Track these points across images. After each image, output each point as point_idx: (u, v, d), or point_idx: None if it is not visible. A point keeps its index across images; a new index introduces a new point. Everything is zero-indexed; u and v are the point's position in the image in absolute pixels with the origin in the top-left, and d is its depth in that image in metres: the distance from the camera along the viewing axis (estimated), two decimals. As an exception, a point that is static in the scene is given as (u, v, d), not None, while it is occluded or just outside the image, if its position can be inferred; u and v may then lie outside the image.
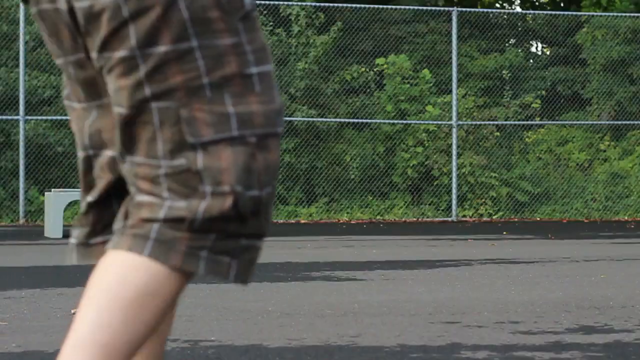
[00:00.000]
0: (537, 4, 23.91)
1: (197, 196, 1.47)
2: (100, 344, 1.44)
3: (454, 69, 15.01)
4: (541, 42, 19.61)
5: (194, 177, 1.47)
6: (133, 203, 1.52)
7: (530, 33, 18.70)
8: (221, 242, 1.48)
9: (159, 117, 1.48)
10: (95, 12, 1.50)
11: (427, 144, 15.36)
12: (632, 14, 16.81)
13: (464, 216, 15.18)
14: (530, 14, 19.33)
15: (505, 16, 18.50)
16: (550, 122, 16.45)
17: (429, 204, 15.36)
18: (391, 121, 15.30)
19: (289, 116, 15.02)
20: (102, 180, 1.63)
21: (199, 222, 1.47)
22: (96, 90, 1.61)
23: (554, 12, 18.27)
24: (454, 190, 14.93)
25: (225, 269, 1.49)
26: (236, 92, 1.49)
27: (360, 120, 15.25)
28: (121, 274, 1.46)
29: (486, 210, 15.32)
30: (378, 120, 15.42)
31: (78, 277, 5.94)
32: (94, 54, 1.54)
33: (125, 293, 1.46)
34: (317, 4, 15.40)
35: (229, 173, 1.47)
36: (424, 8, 16.52)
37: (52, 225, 10.12)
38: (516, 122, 15.95)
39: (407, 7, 16.65)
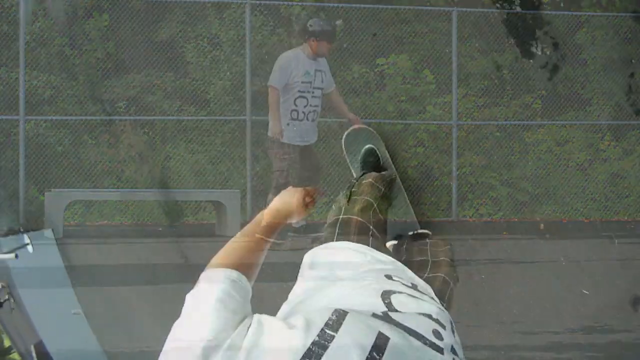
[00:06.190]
0: (537, 4, 23.89)
1: None
2: None
3: (454, 69, 15.00)
4: (541, 42, 19.60)
5: None
6: None
7: (530, 33, 18.69)
8: None
9: None
10: None
11: (427, 144, 15.35)
12: (632, 14, 16.80)
13: (464, 216, 15.18)
14: (530, 13, 19.32)
15: (505, 16, 18.50)
16: (550, 122, 16.44)
17: (429, 204, 15.35)
18: (391, 121, 15.29)
19: (289, 116, 15.02)
20: None
21: None
22: None
23: (554, 12, 18.25)
24: (454, 190, 14.92)
25: None
26: None
27: (360, 120, 15.23)
28: None
29: (486, 210, 15.31)
30: (378, 120, 15.41)
31: (78, 277, 5.93)
32: None
33: None
34: (318, 4, 15.39)
35: None
36: (424, 8, 16.50)
37: (52, 225, 10.10)
38: (516, 122, 15.94)
39: (407, 7, 16.63)
